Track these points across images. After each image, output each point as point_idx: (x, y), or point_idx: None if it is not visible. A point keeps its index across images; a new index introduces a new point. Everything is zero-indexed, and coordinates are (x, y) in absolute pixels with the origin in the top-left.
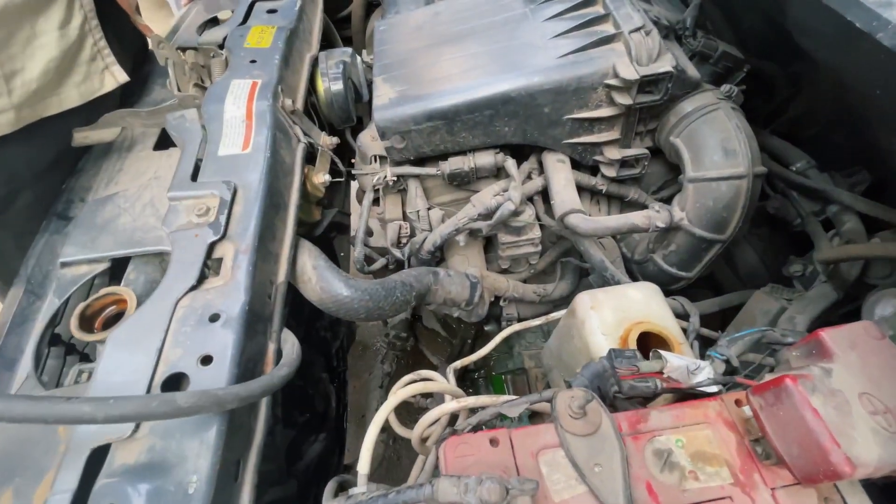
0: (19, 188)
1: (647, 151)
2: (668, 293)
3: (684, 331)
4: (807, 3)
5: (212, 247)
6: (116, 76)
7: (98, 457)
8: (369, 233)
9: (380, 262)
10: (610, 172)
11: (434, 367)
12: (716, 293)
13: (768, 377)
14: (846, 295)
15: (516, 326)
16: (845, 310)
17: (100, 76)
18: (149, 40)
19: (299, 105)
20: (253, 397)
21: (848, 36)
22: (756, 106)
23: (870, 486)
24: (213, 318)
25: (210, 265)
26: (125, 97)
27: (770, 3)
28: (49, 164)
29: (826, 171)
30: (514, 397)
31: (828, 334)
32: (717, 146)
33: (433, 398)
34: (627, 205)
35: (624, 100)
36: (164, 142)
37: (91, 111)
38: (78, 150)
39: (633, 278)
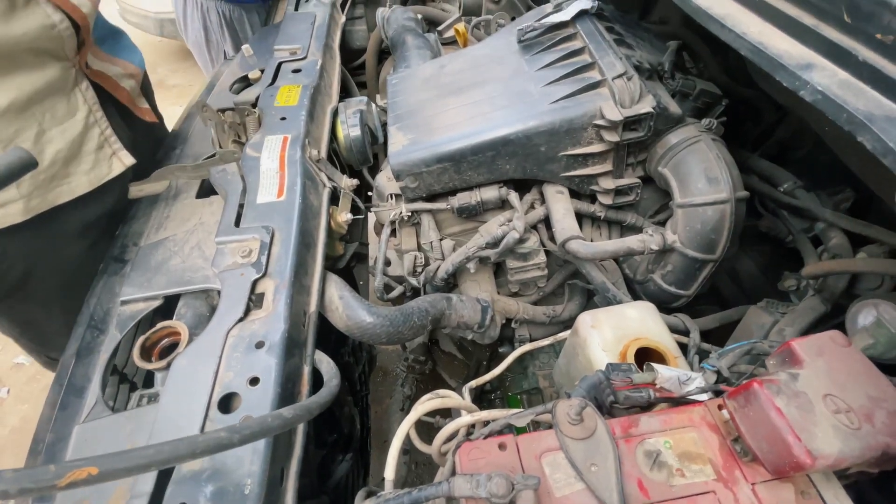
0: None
1: (638, 181)
2: (671, 310)
3: (685, 346)
4: (751, 58)
5: (255, 283)
6: (123, 160)
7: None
8: (387, 263)
9: (398, 290)
10: (606, 200)
11: (452, 389)
12: (722, 307)
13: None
14: (836, 307)
15: (527, 347)
16: (836, 321)
17: (108, 162)
18: (198, 102)
19: (324, 154)
20: (327, 403)
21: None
22: (746, 130)
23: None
24: (259, 344)
25: (254, 299)
26: (168, 150)
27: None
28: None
29: (813, 191)
30: (522, 410)
31: (798, 343)
32: (701, 174)
33: (451, 418)
34: (627, 229)
35: (612, 137)
36: (204, 190)
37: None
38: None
39: (637, 297)
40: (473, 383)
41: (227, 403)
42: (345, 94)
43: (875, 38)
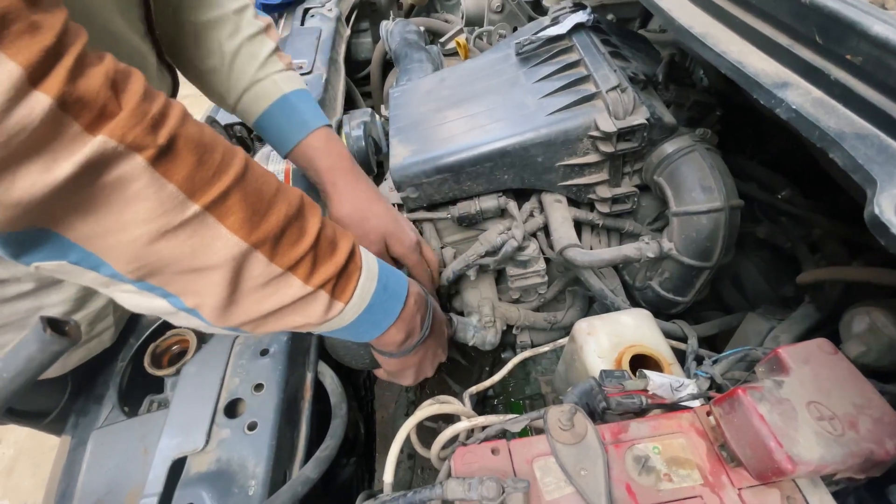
0: None
1: (635, 189)
2: (670, 316)
3: (683, 352)
4: (730, 76)
5: None
6: None
7: (177, 467)
8: None
9: None
10: (604, 209)
11: (456, 393)
12: (726, 313)
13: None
14: (832, 313)
15: (526, 353)
16: (833, 328)
17: None
18: (207, 118)
19: None
20: (340, 441)
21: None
22: (745, 136)
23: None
24: (263, 352)
25: None
26: None
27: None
28: None
29: (811, 197)
30: (517, 416)
31: (785, 351)
32: (696, 183)
33: (453, 423)
34: (625, 236)
35: (607, 148)
36: None
37: None
38: None
39: (636, 304)
40: (474, 389)
41: (233, 408)
42: (350, 105)
43: (845, 59)
